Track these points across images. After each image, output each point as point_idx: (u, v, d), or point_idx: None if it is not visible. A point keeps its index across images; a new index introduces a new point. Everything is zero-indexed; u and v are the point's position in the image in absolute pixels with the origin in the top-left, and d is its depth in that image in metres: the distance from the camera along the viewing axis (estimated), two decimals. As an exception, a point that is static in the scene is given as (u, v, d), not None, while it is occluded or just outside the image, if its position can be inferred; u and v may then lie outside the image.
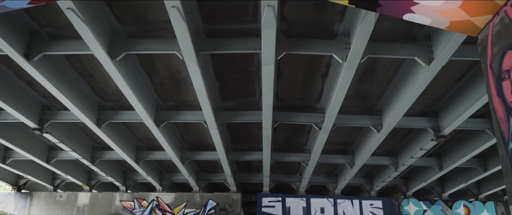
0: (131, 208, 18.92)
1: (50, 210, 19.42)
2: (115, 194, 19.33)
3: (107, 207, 19.18)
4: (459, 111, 10.65)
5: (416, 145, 13.32)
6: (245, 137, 14.38)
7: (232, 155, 15.37)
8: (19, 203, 19.61)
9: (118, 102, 11.74)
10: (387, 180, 17.04)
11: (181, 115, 11.89)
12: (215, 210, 18.37)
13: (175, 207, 18.57)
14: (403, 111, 10.30)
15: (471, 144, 13.14)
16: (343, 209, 18.52)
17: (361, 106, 11.65)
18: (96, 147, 15.76)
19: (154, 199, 18.86)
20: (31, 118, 11.48)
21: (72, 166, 17.78)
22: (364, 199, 18.98)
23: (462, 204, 19.29)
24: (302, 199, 18.52)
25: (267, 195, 18.52)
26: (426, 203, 19.20)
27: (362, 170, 17.15)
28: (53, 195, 19.67)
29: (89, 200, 19.39)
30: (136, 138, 14.91)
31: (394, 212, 18.85)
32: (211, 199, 18.54)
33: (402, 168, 15.23)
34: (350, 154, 15.35)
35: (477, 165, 15.45)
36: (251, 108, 11.68)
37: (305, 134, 13.96)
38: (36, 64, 8.47)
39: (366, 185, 19.32)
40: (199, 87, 9.27)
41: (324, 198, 18.74)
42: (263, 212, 18.29)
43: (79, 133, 14.43)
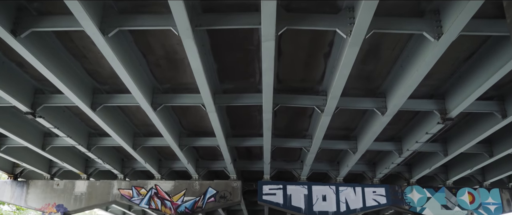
0: (129, 196, 18.59)
1: (47, 199, 19.11)
2: (113, 182, 19.00)
3: (105, 195, 18.86)
4: (466, 92, 10.27)
5: (421, 129, 12.92)
6: (245, 122, 14.00)
7: (231, 141, 14.98)
8: (16, 191, 19.30)
9: (113, 86, 11.36)
10: (391, 166, 16.67)
11: (179, 98, 11.48)
12: (215, 198, 18.04)
13: (174, 195, 18.25)
14: (409, 92, 9.89)
15: (478, 128, 12.74)
16: (345, 196, 18.20)
17: (364, 89, 11.25)
18: (93, 133, 15.38)
19: (152, 187, 18.52)
20: (23, 102, 11.08)
21: (69, 153, 17.40)
22: (366, 186, 18.64)
23: (467, 191, 18.97)
24: (304, 186, 18.19)
25: (268, 183, 18.18)
26: (430, 190, 18.88)
27: (365, 156, 16.82)
28: (50, 183, 19.35)
29: (86, 188, 19.08)
30: (133, 123, 14.53)
31: (397, 199, 18.53)
32: (211, 187, 18.20)
33: (406, 153, 14.85)
34: (352, 140, 14.96)
35: (483, 150, 15.06)
36: (250, 90, 11.28)
37: (306, 118, 13.57)
38: (24, 42, 8.05)
39: (369, 172, 18.95)
40: (196, 67, 8.87)
41: (326, 186, 18.41)
42: (264, 200, 17.96)
43: (74, 118, 14.04)
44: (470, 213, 18.66)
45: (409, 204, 18.56)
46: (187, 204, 18.05)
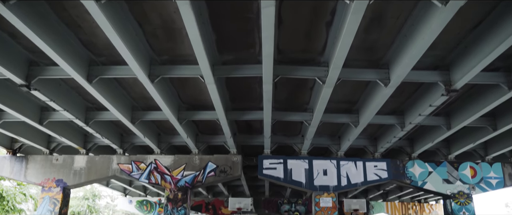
0: (129, 171, 18.49)
1: (47, 174, 19.03)
2: (112, 157, 18.88)
3: (104, 170, 18.77)
4: (472, 63, 9.99)
5: (424, 102, 12.66)
6: (244, 94, 13.75)
7: (231, 115, 14.76)
8: (15, 166, 19.21)
9: (109, 57, 11.06)
10: (392, 140, 16.49)
11: (177, 70, 11.20)
12: (215, 172, 17.93)
13: (174, 170, 18.13)
14: (413, 62, 9.62)
15: (483, 101, 12.49)
16: (346, 170, 18.08)
17: (367, 60, 10.95)
18: (90, 107, 15.15)
19: (152, 162, 18.40)
20: (17, 74, 10.81)
21: (67, 128, 17.22)
22: (368, 161, 18.50)
23: (469, 166, 18.85)
24: (304, 161, 18.05)
25: (268, 157, 18.03)
26: (432, 164, 18.75)
27: (366, 130, 16.62)
28: (49, 158, 19.24)
29: (86, 163, 18.98)
30: (131, 96, 14.29)
31: (399, 173, 18.42)
32: (211, 161, 18.07)
33: (408, 127, 14.63)
34: (354, 113, 14.74)
35: (487, 124, 14.85)
36: (250, 61, 10.99)
37: (307, 91, 13.30)
38: (14, 9, 7.74)
39: (370, 147, 18.79)
40: (194, 36, 8.57)
41: (327, 160, 18.27)
42: (264, 174, 17.84)
43: (70, 91, 13.80)
44: (472, 187, 18.57)
45: (410, 179, 18.46)
46: (187, 179, 17.95)
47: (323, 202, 17.71)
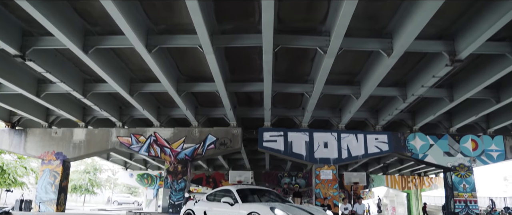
0: (128, 144, 18.40)
1: (46, 147, 18.96)
2: (111, 130, 18.78)
3: (103, 143, 18.69)
4: (477, 32, 9.73)
5: (428, 73, 12.43)
6: (244, 66, 13.51)
7: (231, 86, 14.55)
8: (14, 139, 19.13)
9: (105, 26, 10.79)
10: (394, 113, 16.31)
11: (175, 39, 10.93)
12: (215, 145, 17.83)
13: (174, 142, 18.04)
14: (417, 31, 9.34)
15: (487, 72, 12.25)
16: (347, 143, 17.96)
17: (370, 29, 10.67)
18: (88, 79, 14.94)
19: (151, 135, 18.29)
20: (11, 44, 10.57)
21: (65, 101, 17.06)
22: (369, 133, 18.36)
23: (470, 138, 18.74)
24: (305, 133, 17.91)
25: (268, 130, 17.90)
26: (433, 137, 18.64)
27: (367, 103, 16.44)
28: (48, 131, 19.15)
29: (85, 136, 18.89)
30: (129, 68, 14.05)
31: (400, 146, 18.32)
32: (211, 134, 17.96)
33: (410, 99, 14.43)
34: (356, 85, 14.51)
35: (490, 96, 14.65)
36: (250, 31, 10.71)
37: (308, 62, 13.06)
38: (4, -25, 7.44)
39: (371, 119, 18.63)
40: (192, 4, 8.28)
41: (327, 132, 18.14)
42: (264, 147, 17.73)
43: (67, 62, 13.55)
44: (472, 160, 18.50)
45: (411, 151, 18.36)
46: (186, 151, 17.87)
47: (324, 174, 17.66)
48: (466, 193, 18.42)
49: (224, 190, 8.54)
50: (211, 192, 8.90)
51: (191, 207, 8.71)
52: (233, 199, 7.75)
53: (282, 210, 6.84)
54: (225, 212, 7.76)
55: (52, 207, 18.35)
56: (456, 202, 18.37)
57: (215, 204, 8.22)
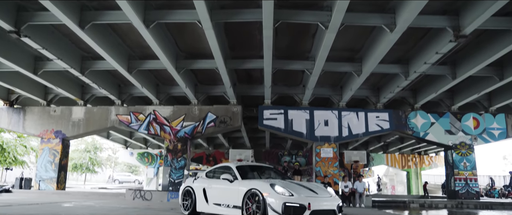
0: (127, 122, 18.29)
1: (45, 125, 18.86)
2: (110, 108, 18.64)
3: (103, 121, 18.57)
4: (483, 7, 9.50)
5: (431, 49, 12.21)
6: (244, 42, 13.28)
7: (231, 63, 14.35)
8: (12, 118, 19.02)
9: (102, 1, 10.55)
10: (396, 90, 16.15)
11: (173, 14, 10.69)
12: (215, 123, 17.71)
13: (173, 121, 17.92)
14: (421, 5, 9.10)
15: (491, 48, 12.05)
16: (347, 121, 17.84)
17: (372, 4, 10.43)
18: (85, 56, 14.75)
19: (151, 113, 18.16)
20: (5, 19, 10.37)
21: (63, 79, 16.88)
22: (370, 111, 18.23)
23: (472, 117, 18.61)
24: (305, 111, 17.78)
25: (269, 108, 17.75)
26: (434, 115, 18.51)
27: (369, 80, 16.28)
28: (46, 109, 19.03)
29: (84, 115, 18.76)
30: (126, 45, 13.83)
31: (401, 124, 18.20)
32: (210, 112, 17.82)
33: (413, 76, 14.25)
34: (357, 61, 14.31)
35: (493, 73, 14.47)
36: (250, 6, 10.47)
37: (309, 38, 12.83)
38: None
39: (372, 97, 18.46)
40: (189, -24, 8.03)
41: (328, 110, 18.00)
42: (265, 125, 17.62)
43: (64, 39, 13.33)
44: (474, 138, 18.41)
45: (412, 129, 18.26)
46: (186, 129, 17.77)
47: (324, 152, 17.59)
48: (467, 171, 18.39)
49: (223, 167, 8.44)
50: (210, 169, 8.79)
51: (190, 184, 8.61)
52: (233, 176, 7.64)
53: (282, 187, 6.74)
54: (224, 189, 7.67)
55: (52, 185, 18.36)
56: (456, 180, 18.36)
57: (214, 181, 8.12)
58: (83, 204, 11.20)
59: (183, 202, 8.73)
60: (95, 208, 9.72)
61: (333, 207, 6.93)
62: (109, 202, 12.79)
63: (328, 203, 6.95)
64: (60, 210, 8.80)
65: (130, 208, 10.15)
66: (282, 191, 6.69)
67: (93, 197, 16.07)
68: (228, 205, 7.52)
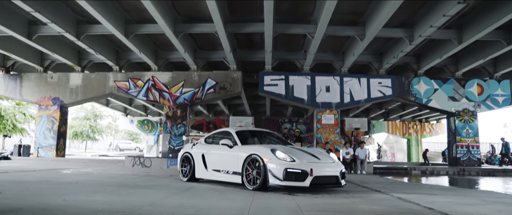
0: (126, 89, 18.01)
1: (42, 92, 18.59)
2: (108, 74, 18.32)
3: (101, 87, 18.29)
4: (494, -35, 9.05)
5: (438, 11, 11.79)
6: (244, 5, 12.84)
7: (230, 27, 13.93)
8: (9, 84, 18.73)
9: (95, -40, 10.10)
10: (399, 55, 15.78)
11: (169, -25, 10.25)
12: (215, 89, 17.42)
13: (172, 87, 17.63)
14: (430, -37, 8.67)
15: (500, 11, 11.63)
16: (349, 87, 17.54)
17: (378, -38, 9.97)
18: (81, 20, 14.33)
19: (149, 79, 17.85)
20: (-5, -20, 9.95)
21: (59, 44, 16.52)
22: (372, 77, 17.91)
23: (476, 83, 18.30)
24: (307, 77, 17.46)
25: (269, 73, 17.42)
26: (438, 81, 18.19)
27: (372, 45, 15.90)
28: (43, 76, 18.71)
29: (82, 81, 18.47)
30: (123, 8, 13.40)
31: (404, 90, 17.91)
32: (210, 78, 17.51)
33: (417, 40, 13.85)
34: (360, 25, 13.89)
35: (501, 37, 14.08)
36: (250, -35, 10.01)
37: (311, 1, 12.40)
38: None
39: (375, 63, 18.10)
40: None
41: (329, 76, 17.68)
42: (265, 91, 17.34)
43: (57, 2, 12.90)
44: (477, 105, 18.15)
45: (415, 96, 17.98)
46: (185, 96, 17.50)
47: (325, 119, 17.38)
48: (469, 138, 18.22)
49: (222, 132, 8.18)
50: (209, 135, 8.54)
51: (188, 150, 8.39)
52: (232, 141, 7.40)
53: (283, 152, 6.51)
54: (224, 154, 7.44)
55: (51, 153, 18.24)
56: (458, 147, 18.21)
57: (213, 146, 7.89)
58: (81, 171, 11.04)
59: (182, 168, 8.53)
60: (92, 175, 9.55)
61: (336, 173, 6.70)
62: (107, 169, 12.65)
63: (331, 169, 6.72)
64: (57, 176, 8.62)
65: (129, 175, 9.98)
66: (283, 157, 6.46)
67: (92, 164, 15.95)
68: (227, 171, 7.31)
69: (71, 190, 5.78)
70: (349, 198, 5.87)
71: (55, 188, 5.96)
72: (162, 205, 4.54)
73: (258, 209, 4.42)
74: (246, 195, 5.83)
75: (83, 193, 5.52)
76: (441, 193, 6.90)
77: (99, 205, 4.31)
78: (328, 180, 6.65)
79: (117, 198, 5.08)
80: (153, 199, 5.04)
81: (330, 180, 6.67)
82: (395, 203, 5.34)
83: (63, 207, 4.14)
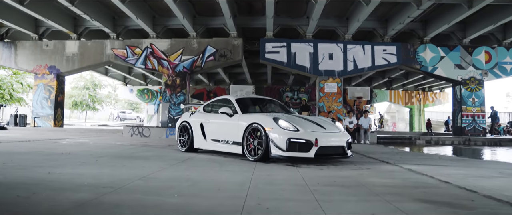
0: (123, 56, 17.51)
1: (38, 60, 18.12)
2: (105, 41, 17.80)
3: (97, 55, 17.80)
4: None
5: (448, -27, 11.20)
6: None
7: (230, -9, 13.35)
8: (4, 53, 18.25)
9: None
10: (406, 21, 15.21)
11: None
12: (215, 56, 16.92)
13: (171, 54, 17.13)
14: None
15: (514, -28, 11.04)
16: (353, 54, 17.02)
17: None
18: (73, -16, 13.75)
19: (147, 46, 17.34)
20: None
21: (53, 10, 15.94)
22: (376, 44, 17.36)
23: (484, 50, 17.76)
24: (309, 44, 16.91)
25: (271, 40, 16.87)
26: (444, 49, 17.65)
27: (377, 11, 15.32)
28: (38, 44, 18.20)
29: (78, 49, 17.96)
30: (117, -29, 12.80)
31: (409, 58, 17.40)
32: (210, 45, 16.98)
33: (426, 4, 13.28)
34: (366, -11, 13.30)
35: (513, 1, 13.49)
36: None
37: (315, -38, 11.78)
38: None
39: (380, 30, 17.52)
40: None
41: (333, 43, 17.13)
42: (266, 58, 16.83)
43: (48, -36, 12.30)
44: (484, 73, 17.67)
45: (420, 64, 17.48)
46: (185, 64, 17.01)
47: (328, 87, 16.94)
48: (475, 107, 17.82)
49: (222, 99, 7.75)
50: (208, 103, 8.11)
51: (186, 119, 7.99)
52: (232, 110, 6.99)
53: (286, 121, 6.10)
54: (223, 123, 7.04)
55: (49, 122, 17.92)
56: (463, 117, 17.83)
57: (212, 115, 7.48)
58: (77, 141, 10.69)
59: (180, 138, 8.13)
60: (87, 145, 9.19)
61: (342, 143, 6.31)
62: (105, 139, 12.31)
63: (337, 139, 6.31)
64: (49, 147, 8.27)
65: (126, 145, 9.63)
66: (286, 126, 6.06)
67: (90, 134, 15.62)
68: (227, 141, 6.93)
69: (60, 162, 5.41)
70: (357, 169, 5.50)
71: (43, 160, 5.59)
72: (154, 179, 4.17)
73: (259, 183, 4.05)
74: (247, 167, 5.46)
75: (71, 165, 5.15)
76: (453, 165, 6.54)
77: (85, 179, 3.94)
78: (334, 150, 6.26)
79: (108, 170, 4.71)
80: (146, 171, 4.67)
81: (336, 151, 6.29)
82: (406, 175, 4.97)
83: (45, 181, 3.77)
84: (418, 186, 4.14)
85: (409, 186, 4.11)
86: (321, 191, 3.69)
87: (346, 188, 3.91)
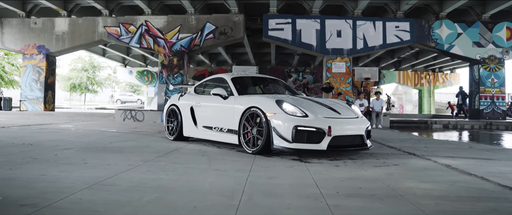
0: (117, 35, 16.30)
1: (26, 39, 16.96)
2: (97, 19, 16.58)
3: (89, 34, 16.60)
4: None
5: None
6: None
7: (229, -39, 12.08)
8: (-11, 31, 17.09)
9: None
10: (421, -6, 13.91)
11: None
12: (214, 34, 15.67)
13: (168, 32, 15.90)
14: None
15: None
16: (363, 32, 15.74)
17: None
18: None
19: (142, 24, 16.10)
20: None
21: (39, -16, 14.75)
22: (388, 20, 16.05)
23: (505, 26, 16.43)
24: (316, 20, 15.62)
25: (275, 17, 15.59)
26: (462, 25, 16.33)
27: (390, -17, 14.00)
28: (26, 22, 17.01)
29: (68, 27, 16.77)
30: None
31: (423, 35, 16.10)
32: (209, 22, 15.71)
33: (446, -26, 11.96)
34: (381, -43, 11.99)
35: (542, -30, 12.15)
36: None
37: None
38: None
39: (392, 4, 16.22)
40: None
41: (341, 20, 15.83)
42: (270, 36, 15.57)
43: None
44: (505, 51, 16.36)
45: (436, 41, 16.18)
46: (182, 42, 15.79)
47: (336, 67, 15.70)
48: (494, 89, 16.59)
49: (216, 78, 6.55)
50: (200, 82, 6.93)
51: (175, 102, 6.84)
52: (228, 91, 5.83)
53: (292, 105, 4.94)
54: (216, 107, 5.88)
55: (39, 106, 16.86)
56: (481, 99, 16.60)
57: (204, 97, 6.31)
58: (57, 127, 9.59)
59: (168, 124, 6.97)
60: (66, 132, 8.07)
61: (361, 132, 5.12)
62: (92, 124, 11.21)
63: (354, 127, 5.11)
64: (15, 136, 7.16)
65: (110, 132, 8.50)
66: (292, 110, 4.88)
67: (79, 118, 14.54)
68: (221, 129, 5.77)
69: (8, 158, 4.28)
70: (382, 166, 4.35)
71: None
72: (110, 186, 3.02)
73: (255, 193, 2.91)
74: (243, 163, 4.32)
75: (18, 162, 4.02)
76: (493, 157, 5.39)
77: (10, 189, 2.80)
78: (351, 141, 5.07)
79: (55, 171, 3.56)
80: (107, 172, 3.53)
81: (353, 141, 5.09)
82: (450, 176, 3.82)
83: None
84: (478, 196, 2.99)
85: (465, 197, 2.95)
86: (344, 207, 2.55)
87: (380, 202, 2.74)
